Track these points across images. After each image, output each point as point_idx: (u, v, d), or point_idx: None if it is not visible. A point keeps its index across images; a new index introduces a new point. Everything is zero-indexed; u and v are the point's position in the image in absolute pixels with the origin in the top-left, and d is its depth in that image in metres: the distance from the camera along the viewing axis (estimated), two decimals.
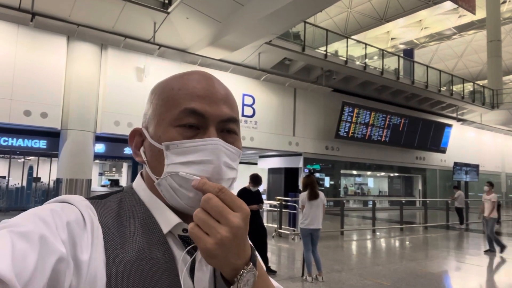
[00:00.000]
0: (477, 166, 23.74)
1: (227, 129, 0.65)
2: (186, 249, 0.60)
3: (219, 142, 0.61)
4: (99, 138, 11.82)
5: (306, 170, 15.99)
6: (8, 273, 0.42)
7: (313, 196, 5.79)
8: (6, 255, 0.44)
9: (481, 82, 26.64)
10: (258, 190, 6.30)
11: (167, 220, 0.62)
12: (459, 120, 23.07)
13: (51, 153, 11.63)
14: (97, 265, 0.53)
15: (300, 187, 8.72)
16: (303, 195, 5.88)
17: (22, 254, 0.46)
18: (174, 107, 0.62)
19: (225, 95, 0.66)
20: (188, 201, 0.60)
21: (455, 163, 22.28)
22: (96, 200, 0.63)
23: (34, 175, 12.48)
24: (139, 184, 0.67)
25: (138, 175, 0.70)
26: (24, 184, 12.34)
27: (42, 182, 12.83)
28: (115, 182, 18.70)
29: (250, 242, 0.58)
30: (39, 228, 0.50)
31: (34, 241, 0.47)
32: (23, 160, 12.84)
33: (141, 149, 0.67)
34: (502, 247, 8.59)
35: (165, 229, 0.61)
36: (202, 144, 0.60)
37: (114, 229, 0.58)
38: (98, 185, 20.11)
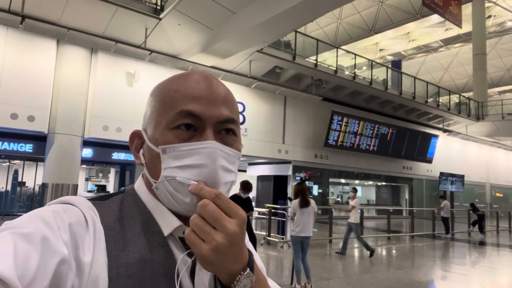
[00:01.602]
0: (462, 177, 24.13)
1: (226, 130, 0.64)
2: (186, 251, 0.60)
3: (216, 145, 0.60)
4: (87, 143, 11.67)
5: (298, 178, 16.04)
6: (10, 274, 0.42)
7: (304, 204, 5.80)
8: (8, 256, 0.43)
9: (466, 94, 27.23)
10: (248, 197, 6.30)
11: (168, 223, 0.62)
12: (445, 131, 23.48)
13: (37, 157, 11.42)
14: (99, 267, 0.53)
15: (290, 195, 8.76)
16: (295, 203, 5.89)
17: (24, 255, 0.45)
18: (171, 109, 0.62)
19: (224, 96, 0.65)
20: (185, 206, 0.59)
21: (441, 173, 22.61)
22: (98, 201, 0.62)
23: (19, 180, 12.24)
24: (140, 186, 0.67)
25: (140, 177, 0.69)
26: (9, 188, 12.09)
27: (27, 186, 12.59)
28: (102, 188, 18.44)
29: (248, 247, 0.58)
30: (41, 229, 0.49)
31: (36, 243, 0.47)
32: (8, 163, 12.59)
33: (141, 152, 0.66)
34: (371, 251, 8.78)
35: (166, 232, 0.61)
36: (198, 148, 0.59)
37: (116, 231, 0.58)
38: (84, 191, 19.81)
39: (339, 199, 22.06)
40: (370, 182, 22.81)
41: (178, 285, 0.56)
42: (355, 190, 9.33)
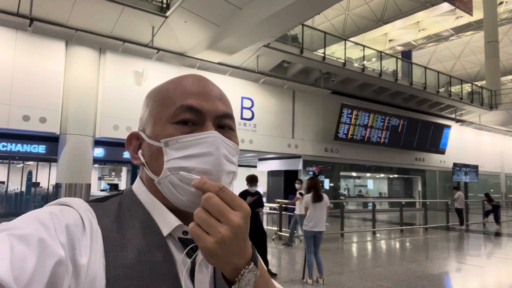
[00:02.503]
0: (476, 167, 23.76)
1: (224, 124, 0.65)
2: (185, 251, 0.60)
3: (218, 135, 0.61)
4: (98, 143, 11.81)
5: (311, 173, 15.99)
6: (7, 276, 0.42)
7: (317, 199, 5.79)
8: (5, 258, 0.43)
9: (479, 83, 26.73)
10: (258, 192, 6.29)
11: (167, 223, 0.61)
12: (457, 121, 23.10)
13: (50, 157, 11.60)
14: (97, 268, 0.53)
15: (302, 190, 8.74)
16: (307, 197, 5.88)
17: (21, 257, 0.45)
18: (171, 105, 0.63)
19: (219, 93, 0.67)
20: (189, 197, 0.59)
21: (455, 164, 22.29)
22: (95, 203, 0.62)
23: (33, 180, 12.43)
24: (138, 187, 0.67)
25: (138, 178, 0.69)
26: (23, 189, 12.29)
27: (41, 187, 12.78)
28: (114, 186, 18.69)
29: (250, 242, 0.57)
30: (38, 231, 0.49)
31: (33, 244, 0.47)
32: (22, 165, 12.81)
33: (139, 152, 0.67)
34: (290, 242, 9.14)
35: (165, 232, 0.61)
36: (201, 138, 0.60)
37: (114, 232, 0.58)
38: (97, 190, 20.08)
39: (345, 192, 21.66)
40: (382, 175, 22.62)
41: (183, 283, 0.56)
42: (300, 182, 9.33)
